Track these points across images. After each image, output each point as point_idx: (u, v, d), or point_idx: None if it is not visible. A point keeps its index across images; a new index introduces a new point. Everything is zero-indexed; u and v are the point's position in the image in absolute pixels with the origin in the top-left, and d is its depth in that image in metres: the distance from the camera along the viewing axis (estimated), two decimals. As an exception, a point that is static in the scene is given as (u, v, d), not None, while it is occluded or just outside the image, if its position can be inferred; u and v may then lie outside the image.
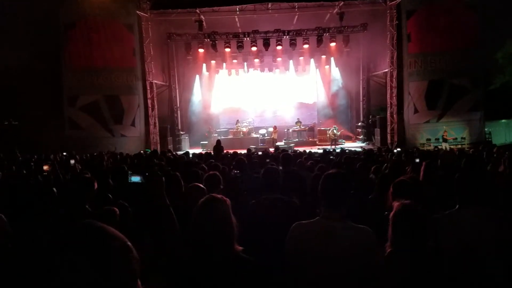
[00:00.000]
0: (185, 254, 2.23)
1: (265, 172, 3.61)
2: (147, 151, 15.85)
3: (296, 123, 22.99)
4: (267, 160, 6.38)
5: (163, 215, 3.00)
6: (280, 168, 5.98)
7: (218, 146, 13.40)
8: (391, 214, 2.40)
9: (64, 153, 12.23)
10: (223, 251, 2.15)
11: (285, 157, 6.11)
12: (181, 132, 22.78)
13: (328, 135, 21.49)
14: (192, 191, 3.68)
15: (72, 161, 9.56)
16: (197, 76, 24.71)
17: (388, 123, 19.29)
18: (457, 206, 2.82)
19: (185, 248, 2.35)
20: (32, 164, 9.06)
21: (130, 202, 3.36)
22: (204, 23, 19.78)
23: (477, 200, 2.76)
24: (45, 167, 8.37)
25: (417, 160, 6.36)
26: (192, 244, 2.21)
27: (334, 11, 19.50)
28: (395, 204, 2.43)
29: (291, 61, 24.21)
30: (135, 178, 3.56)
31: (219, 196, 2.33)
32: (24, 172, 7.32)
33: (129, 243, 1.14)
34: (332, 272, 2.27)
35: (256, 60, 23.67)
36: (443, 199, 3.61)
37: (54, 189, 4.13)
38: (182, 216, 3.19)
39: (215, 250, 2.15)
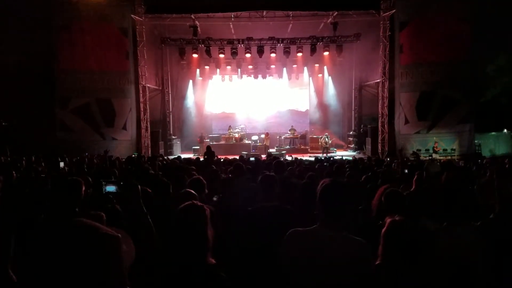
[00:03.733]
0: (160, 262, 2.17)
1: (263, 179, 3.55)
2: (135, 154, 15.77)
3: (290, 130, 23.07)
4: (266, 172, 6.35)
5: (139, 222, 2.96)
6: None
7: (210, 151, 13.33)
8: (383, 230, 2.38)
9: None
10: (194, 262, 2.09)
11: (277, 164, 6.14)
12: (173, 137, 22.71)
13: (319, 143, 21.57)
14: (183, 197, 3.64)
15: (62, 164, 9.51)
16: (191, 81, 24.75)
17: (379, 132, 19.40)
18: (445, 224, 2.82)
19: (161, 255, 2.30)
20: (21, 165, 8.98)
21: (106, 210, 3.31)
22: (198, 28, 19.82)
23: (464, 217, 2.77)
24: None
25: (406, 171, 6.40)
26: (167, 252, 2.15)
27: (328, 21, 19.64)
28: (387, 220, 2.42)
29: (284, 69, 24.36)
30: (110, 188, 3.50)
31: (199, 204, 2.27)
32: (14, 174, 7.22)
33: (119, 235, 1.19)
34: (324, 282, 2.26)
35: (250, 67, 23.76)
36: (429, 210, 3.64)
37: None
38: (167, 222, 3.17)
39: (186, 260, 2.09)
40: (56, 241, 1.13)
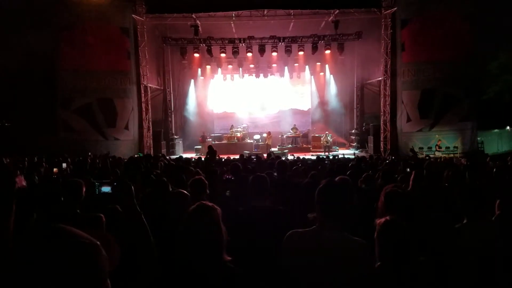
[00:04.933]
0: (170, 263, 2.20)
1: (254, 180, 3.57)
2: (139, 155, 15.78)
3: (292, 129, 23.06)
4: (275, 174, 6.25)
5: (132, 221, 2.99)
6: (275, 175, 6.00)
7: (212, 151, 13.40)
8: (376, 232, 2.38)
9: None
10: (212, 261, 2.12)
11: (280, 164, 6.11)
12: (175, 137, 22.72)
13: (321, 142, 21.54)
14: (175, 197, 3.64)
15: (64, 164, 9.52)
16: (192, 81, 24.77)
17: (381, 131, 19.37)
18: (465, 220, 2.85)
19: (164, 257, 2.32)
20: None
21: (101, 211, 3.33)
22: (200, 28, 19.81)
23: (484, 213, 2.81)
24: (55, 170, 8.34)
25: (408, 170, 6.39)
26: (180, 253, 2.18)
27: (329, 19, 19.59)
28: (377, 221, 2.41)
29: (286, 68, 24.33)
30: (105, 189, 3.53)
31: (210, 204, 2.29)
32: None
33: (98, 243, 1.16)
34: (324, 283, 2.26)
35: (251, 66, 23.75)
36: (429, 208, 3.63)
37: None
38: (163, 222, 3.18)
39: (203, 259, 2.11)
40: (33, 249, 1.11)
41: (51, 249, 1.07)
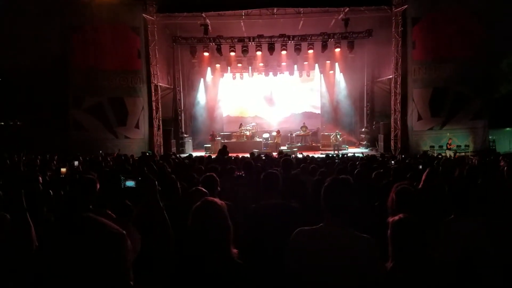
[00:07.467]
0: (181, 257, 2.24)
1: (265, 177, 3.59)
2: (149, 153, 15.90)
3: (302, 128, 23.01)
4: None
5: (155, 216, 3.05)
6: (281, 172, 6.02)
7: (225, 150, 13.61)
8: (388, 229, 2.37)
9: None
10: (219, 255, 2.16)
11: (285, 161, 6.13)
12: (185, 135, 22.84)
13: (331, 140, 21.49)
14: (195, 195, 3.69)
15: (76, 162, 9.62)
16: (202, 80, 24.88)
17: (392, 129, 19.26)
18: (452, 216, 2.83)
19: (180, 251, 2.36)
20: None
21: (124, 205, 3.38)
22: (209, 27, 19.86)
23: (473, 210, 2.79)
24: (63, 170, 8.43)
25: (420, 167, 6.36)
26: (189, 248, 2.21)
27: (339, 17, 19.50)
28: (390, 219, 2.40)
29: (295, 66, 24.26)
30: (130, 183, 3.59)
31: (215, 199, 2.33)
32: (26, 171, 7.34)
33: (124, 232, 1.20)
34: (332, 280, 2.26)
35: (261, 65, 23.75)
36: (441, 206, 3.61)
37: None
38: (179, 219, 3.22)
39: (211, 254, 2.15)
40: (63, 237, 1.16)
41: (82, 238, 1.11)
